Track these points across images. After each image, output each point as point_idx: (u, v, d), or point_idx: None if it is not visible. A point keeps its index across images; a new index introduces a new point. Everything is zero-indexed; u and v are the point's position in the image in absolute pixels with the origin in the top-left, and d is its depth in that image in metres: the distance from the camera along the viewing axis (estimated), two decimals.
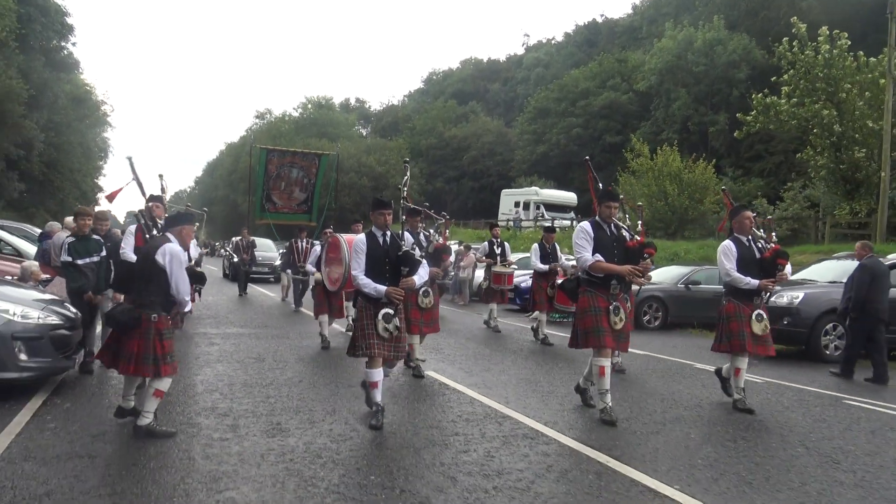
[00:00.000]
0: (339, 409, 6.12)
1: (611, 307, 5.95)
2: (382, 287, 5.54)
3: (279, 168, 25.12)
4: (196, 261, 8.84)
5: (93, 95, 46.58)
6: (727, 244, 6.79)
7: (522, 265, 17.00)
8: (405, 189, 6.84)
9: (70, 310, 6.83)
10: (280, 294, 17.89)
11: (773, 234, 7.10)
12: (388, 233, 5.76)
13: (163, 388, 5.12)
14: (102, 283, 7.36)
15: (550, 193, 40.78)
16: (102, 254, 7.38)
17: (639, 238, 6.22)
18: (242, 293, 18.28)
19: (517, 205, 40.61)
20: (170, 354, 5.10)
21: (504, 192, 43.65)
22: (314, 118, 67.81)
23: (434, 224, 8.51)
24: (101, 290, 7.37)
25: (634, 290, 8.70)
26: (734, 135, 26.71)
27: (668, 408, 6.66)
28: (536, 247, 11.44)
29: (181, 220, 5.50)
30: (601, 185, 6.65)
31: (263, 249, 24.34)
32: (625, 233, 6.21)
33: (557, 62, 71.69)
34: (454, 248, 17.53)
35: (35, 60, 33.87)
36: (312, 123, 66.24)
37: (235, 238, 22.85)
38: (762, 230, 7.11)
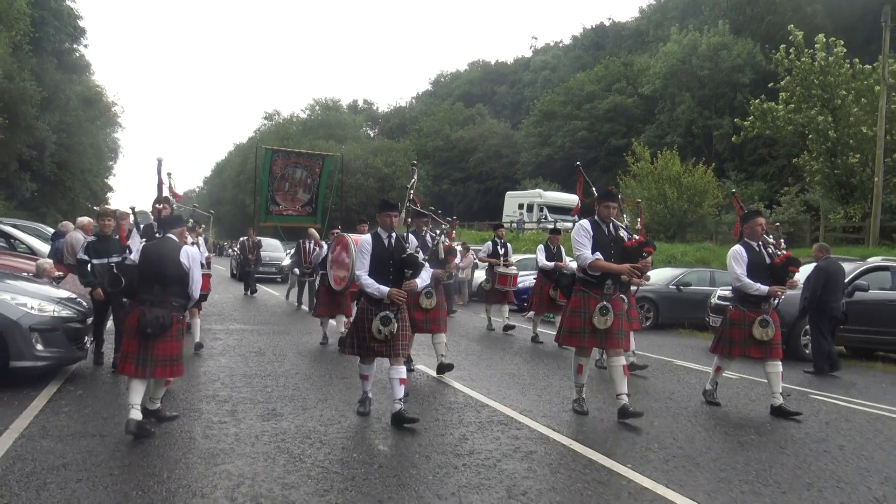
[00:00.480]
0: (331, 398, 6.60)
1: (598, 306, 5.99)
2: (385, 288, 5.64)
3: (283, 169, 25.09)
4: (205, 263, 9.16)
5: (104, 97, 47.34)
6: (737, 249, 6.74)
7: (521, 266, 17.41)
8: (412, 191, 6.97)
9: (82, 304, 7.31)
10: (286, 294, 17.75)
11: (782, 241, 7.07)
12: (394, 234, 5.86)
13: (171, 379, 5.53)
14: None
15: (554, 196, 41.19)
16: (128, 255, 7.64)
17: (637, 237, 6.28)
18: (249, 292, 18.54)
19: (521, 207, 41.07)
20: (181, 354, 5.41)
21: (508, 195, 44.12)
22: (321, 119, 68.47)
23: (440, 227, 8.57)
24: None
25: (633, 291, 8.89)
26: (732, 139, 26.99)
27: (639, 399, 7.09)
28: (542, 247, 11.57)
29: (176, 223, 5.73)
30: (594, 190, 6.72)
31: (270, 250, 24.62)
32: (623, 233, 6.25)
33: (565, 65, 71.99)
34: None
35: (48, 63, 34.58)
36: (320, 125, 66.90)
37: (242, 238, 23.24)
38: (771, 236, 7.07)
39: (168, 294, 5.25)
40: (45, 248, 13.09)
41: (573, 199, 40.94)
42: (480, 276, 19.26)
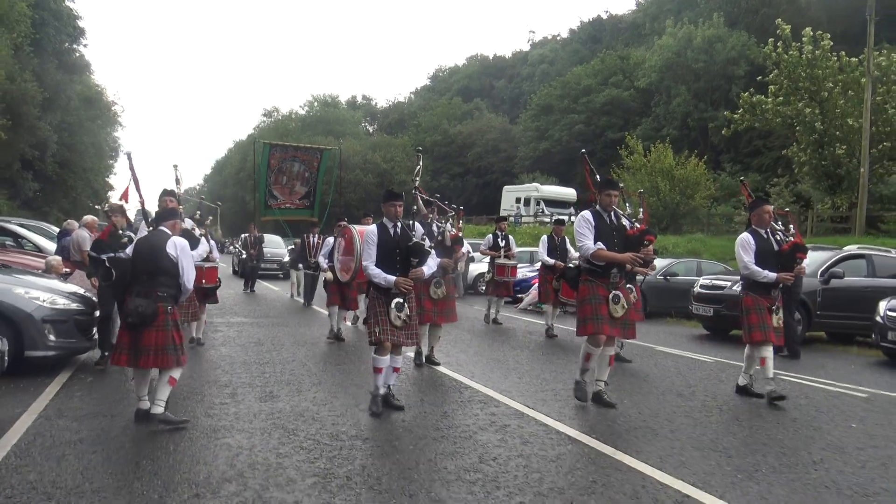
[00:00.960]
0: (325, 382, 7.07)
1: (610, 295, 6.02)
2: (392, 277, 5.69)
3: (281, 162, 24.86)
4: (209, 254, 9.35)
5: (104, 96, 47.83)
6: (745, 237, 6.78)
7: (517, 259, 17.84)
8: (417, 179, 6.97)
9: (90, 298, 7.77)
10: (289, 291, 17.89)
11: (791, 227, 7.08)
12: (399, 224, 5.89)
13: (176, 377, 5.38)
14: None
15: (550, 189, 41.66)
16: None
17: (639, 226, 6.26)
18: (249, 289, 18.67)
19: (518, 201, 41.51)
20: (184, 345, 5.43)
21: (506, 189, 44.55)
22: (320, 116, 68.92)
23: (446, 215, 8.47)
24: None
25: (639, 280, 8.92)
26: (722, 132, 27.42)
27: (613, 378, 7.56)
28: (545, 239, 11.50)
29: (170, 216, 5.69)
30: (598, 177, 6.61)
31: (272, 246, 24.69)
32: (625, 221, 6.24)
33: (562, 58, 72.25)
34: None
35: (48, 63, 35.05)
36: (318, 121, 67.34)
37: (244, 235, 23.51)
38: (780, 223, 7.08)
39: (155, 285, 5.28)
40: (51, 246, 13.57)
41: (569, 193, 41.54)
42: (475, 269, 19.83)
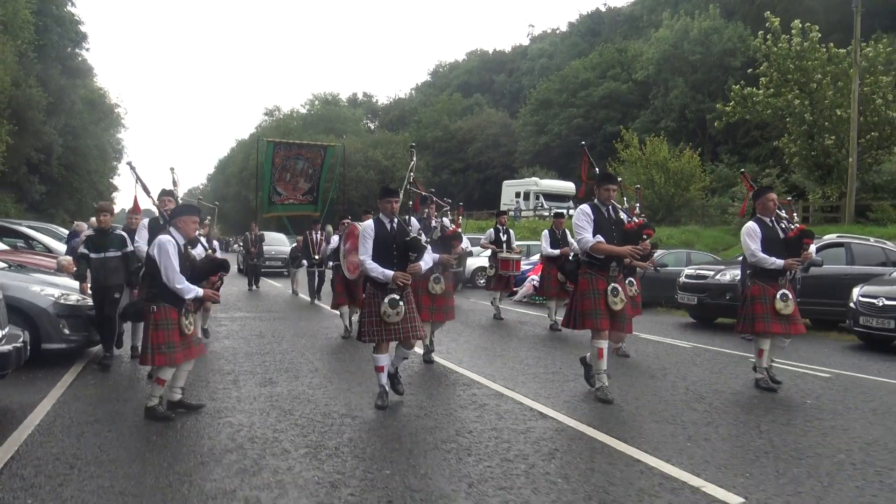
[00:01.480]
0: (321, 369, 7.58)
1: (609, 288, 6.06)
2: (390, 272, 5.72)
3: (285, 160, 24.66)
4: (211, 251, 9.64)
5: (106, 99, 48.42)
6: (751, 225, 6.80)
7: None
8: (411, 174, 7.04)
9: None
10: (290, 287, 18.09)
11: (795, 215, 7.17)
12: (396, 219, 5.95)
13: (162, 377, 5.42)
14: (134, 278, 7.54)
15: (549, 183, 42.13)
16: (127, 249, 7.59)
17: (637, 220, 6.35)
18: (252, 287, 18.86)
19: (518, 195, 42.00)
20: (165, 344, 5.27)
21: (505, 183, 45.04)
22: (321, 114, 69.40)
23: (443, 211, 8.44)
24: (134, 283, 7.58)
25: (639, 274, 9.04)
26: (715, 124, 27.83)
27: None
28: (546, 233, 11.48)
29: (180, 212, 5.74)
30: (597, 170, 6.64)
31: (275, 243, 24.90)
32: (622, 215, 6.30)
33: (562, 52, 72.50)
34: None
35: (52, 68, 35.64)
36: (320, 119, 67.84)
37: (246, 233, 23.80)
38: (784, 210, 7.14)
39: (151, 285, 5.44)
40: (60, 247, 14.14)
41: (568, 187, 41.98)
42: (473, 263, 20.29)
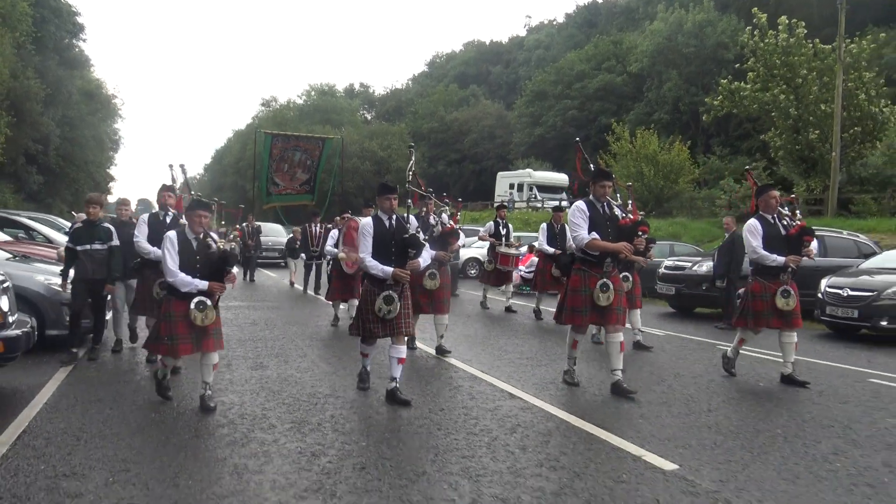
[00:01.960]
0: (309, 355, 8.05)
1: (599, 284, 6.12)
2: (389, 268, 5.79)
3: (283, 151, 24.59)
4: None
5: (103, 90, 48.68)
6: (753, 223, 6.89)
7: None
8: (410, 173, 7.22)
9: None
10: (289, 279, 18.09)
11: (798, 213, 7.26)
12: (394, 216, 6.01)
13: (164, 362, 5.79)
14: (118, 270, 7.47)
15: (543, 175, 42.58)
16: (113, 242, 7.42)
17: (632, 216, 6.44)
18: (248, 279, 18.80)
19: (512, 187, 42.45)
20: (168, 336, 5.45)
21: (500, 175, 45.48)
22: (317, 105, 69.57)
23: (441, 208, 8.59)
24: (116, 278, 7.50)
25: (637, 268, 9.32)
26: (703, 118, 28.24)
27: (563, 349, 8.51)
28: (545, 227, 11.40)
29: (188, 208, 5.84)
30: (592, 166, 6.75)
31: (273, 234, 25.01)
32: (618, 211, 6.34)
33: (558, 43, 72.67)
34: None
35: (50, 60, 35.95)
36: (316, 110, 68.02)
37: (243, 224, 23.95)
38: (787, 208, 7.22)
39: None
40: (60, 238, 14.54)
41: (561, 178, 42.43)
42: (464, 254, 20.68)
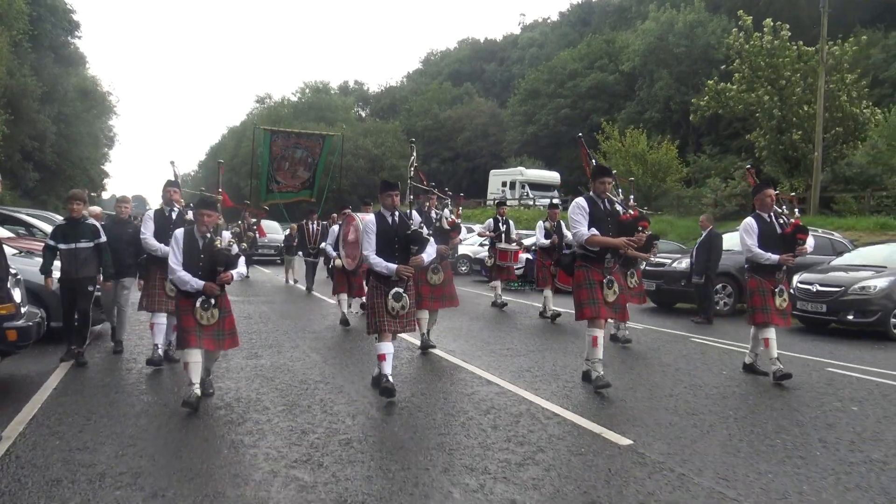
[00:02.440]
0: (301, 346, 8.50)
1: (605, 280, 6.17)
2: (393, 265, 5.81)
3: (284, 150, 24.53)
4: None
5: (98, 87, 48.95)
6: (748, 221, 7.01)
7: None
8: (412, 169, 7.30)
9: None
10: (283, 276, 18.22)
11: (796, 211, 7.35)
12: (397, 213, 6.05)
13: (184, 360, 5.61)
14: (110, 268, 7.28)
15: (535, 173, 43.03)
16: (100, 239, 7.20)
17: (632, 212, 6.52)
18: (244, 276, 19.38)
19: (504, 184, 42.89)
20: (184, 329, 5.56)
21: (492, 173, 45.93)
22: (312, 102, 69.85)
23: (444, 203, 8.64)
24: (109, 276, 7.32)
25: (640, 265, 9.41)
26: (690, 118, 28.76)
27: (543, 340, 8.99)
28: (541, 224, 11.57)
29: (195, 206, 5.92)
30: (594, 161, 6.77)
31: (269, 231, 24.52)
32: (618, 207, 6.39)
33: (552, 41, 73.12)
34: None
35: (46, 58, 36.28)
36: (310, 107, 68.31)
37: (239, 221, 24.01)
38: (784, 206, 7.26)
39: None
40: None
41: (553, 176, 42.91)
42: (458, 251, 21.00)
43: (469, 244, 21.21)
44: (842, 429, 5.28)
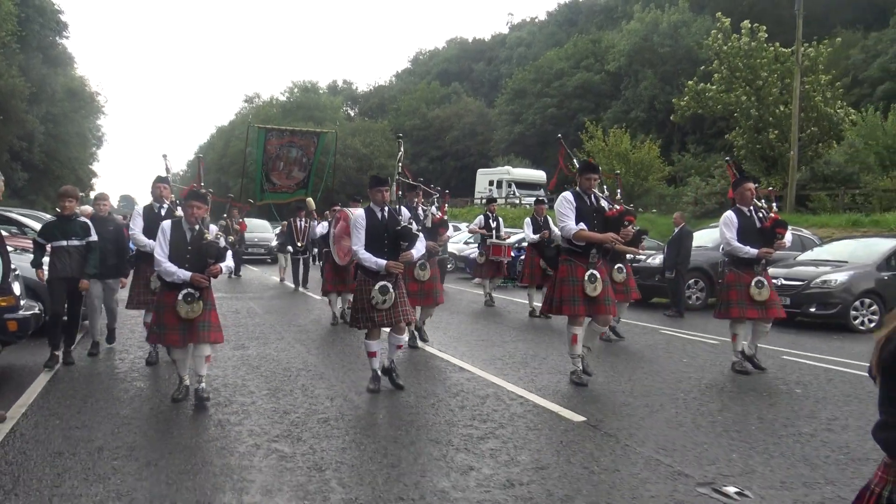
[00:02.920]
0: (286, 337, 8.91)
1: (587, 275, 6.18)
2: (382, 261, 5.83)
3: (279, 149, 23.75)
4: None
5: (86, 87, 49.08)
6: (728, 215, 7.05)
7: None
8: (400, 164, 7.33)
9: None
10: (278, 275, 18.15)
11: (775, 205, 7.38)
12: (387, 208, 6.06)
13: (171, 357, 5.86)
14: (95, 267, 7.05)
15: (521, 172, 43.53)
16: (91, 237, 7.01)
17: (618, 207, 6.50)
18: (234, 274, 18.41)
19: (491, 183, 43.37)
20: (157, 325, 5.61)
21: (480, 172, 46.39)
22: (300, 102, 70.03)
23: (431, 199, 8.77)
24: (92, 275, 7.07)
25: (630, 260, 9.51)
26: (671, 118, 29.33)
27: (518, 332, 9.43)
28: (529, 220, 11.58)
29: (185, 198, 5.97)
30: (576, 161, 6.82)
31: (259, 230, 24.80)
32: (604, 203, 6.39)
33: (539, 41, 73.60)
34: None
35: (34, 58, 36.47)
36: (299, 107, 68.49)
37: (227, 217, 23.84)
38: (763, 200, 7.27)
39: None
40: None
41: (539, 175, 43.40)
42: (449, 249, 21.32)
43: (454, 242, 21.54)
44: (780, 408, 5.75)
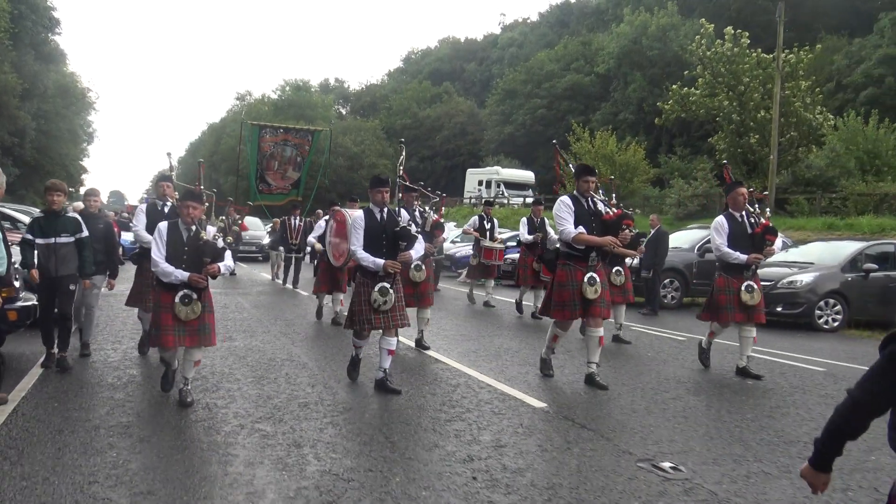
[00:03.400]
0: (272, 330, 9.31)
1: (586, 277, 6.22)
2: (380, 261, 5.84)
3: (273, 147, 23.96)
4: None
5: (78, 83, 49.22)
6: (719, 220, 7.07)
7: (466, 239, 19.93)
8: (401, 168, 7.44)
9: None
10: (270, 273, 18.04)
11: (767, 210, 7.41)
12: (386, 209, 6.09)
13: (162, 357, 5.95)
14: (89, 266, 6.76)
15: (510, 173, 44.03)
16: (82, 233, 6.70)
17: (616, 211, 6.59)
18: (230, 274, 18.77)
19: (480, 183, 43.84)
20: (155, 326, 5.58)
21: (469, 172, 46.87)
22: (292, 100, 70.23)
23: (429, 201, 8.76)
24: (88, 274, 6.81)
25: (628, 262, 9.59)
26: (655, 121, 29.87)
27: (495, 328, 9.86)
28: (525, 220, 11.63)
29: (180, 198, 5.98)
30: (571, 166, 6.87)
31: (251, 228, 24.37)
32: (601, 206, 6.44)
33: (531, 42, 74.05)
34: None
35: (26, 55, 36.65)
36: (290, 105, 68.70)
37: (221, 216, 23.80)
38: (757, 205, 7.29)
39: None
40: None
41: (528, 176, 43.95)
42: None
43: (462, 240, 21.74)
44: (728, 396, 6.21)
